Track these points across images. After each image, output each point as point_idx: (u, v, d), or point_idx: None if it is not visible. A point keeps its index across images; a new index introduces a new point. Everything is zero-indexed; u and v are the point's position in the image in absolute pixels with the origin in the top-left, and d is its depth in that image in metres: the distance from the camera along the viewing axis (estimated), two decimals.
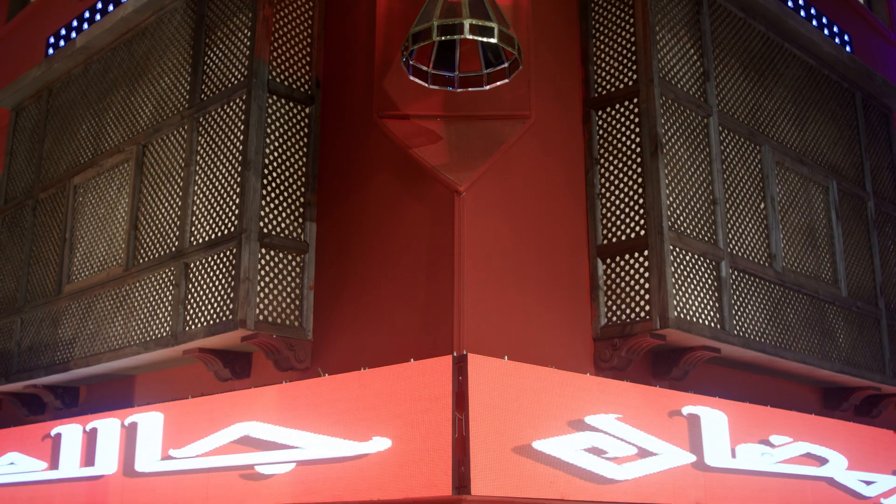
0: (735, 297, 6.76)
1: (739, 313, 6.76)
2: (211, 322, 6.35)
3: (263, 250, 6.33)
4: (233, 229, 6.38)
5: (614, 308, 6.38)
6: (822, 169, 8.12)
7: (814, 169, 7.99)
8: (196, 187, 6.79)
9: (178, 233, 6.85)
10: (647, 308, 6.19)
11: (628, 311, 6.31)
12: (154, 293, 6.91)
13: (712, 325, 6.48)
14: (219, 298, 6.34)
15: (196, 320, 6.49)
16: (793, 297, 7.35)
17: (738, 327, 6.70)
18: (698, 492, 6.38)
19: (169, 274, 6.81)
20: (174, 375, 7.38)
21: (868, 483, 7.90)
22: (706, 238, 6.64)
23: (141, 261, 7.13)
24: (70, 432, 7.66)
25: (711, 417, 6.61)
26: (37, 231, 8.43)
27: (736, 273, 6.84)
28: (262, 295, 6.26)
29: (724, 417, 6.69)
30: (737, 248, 6.94)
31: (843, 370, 7.69)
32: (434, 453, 5.23)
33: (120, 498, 7.04)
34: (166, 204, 7.04)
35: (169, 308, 6.73)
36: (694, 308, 6.36)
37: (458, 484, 5.11)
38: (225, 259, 6.38)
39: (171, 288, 6.76)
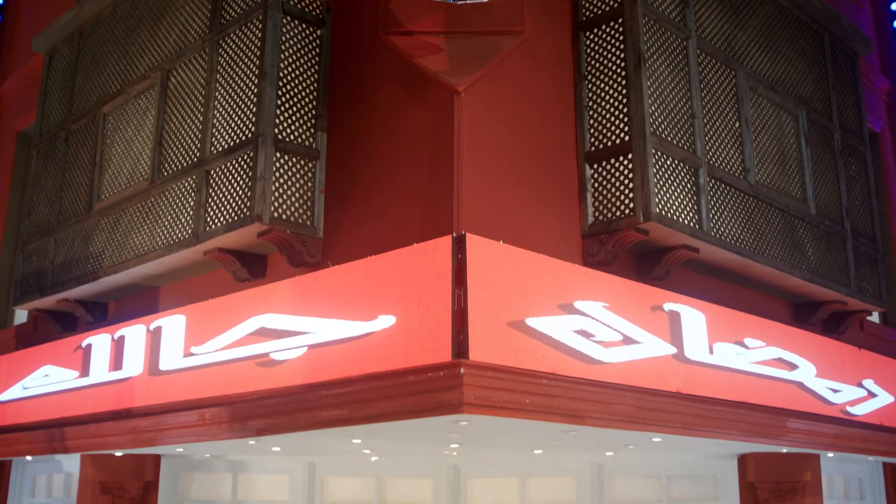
0: (712, 202, 6.75)
1: (716, 217, 6.75)
2: (230, 220, 6.34)
3: (278, 154, 6.32)
4: (249, 136, 6.37)
5: (601, 207, 6.37)
6: (793, 99, 8.10)
7: (785, 98, 7.97)
8: (216, 102, 6.79)
9: (199, 144, 6.85)
10: (632, 205, 6.18)
11: (614, 209, 6.30)
12: (177, 201, 6.90)
13: (691, 224, 6.47)
14: (237, 199, 6.34)
15: (216, 220, 6.48)
16: (765, 209, 7.34)
17: (715, 229, 6.69)
18: (678, 381, 6.36)
19: (190, 182, 6.80)
20: (196, 284, 7.37)
21: (835, 391, 7.88)
22: (685, 147, 6.63)
23: (165, 173, 7.12)
24: (99, 342, 7.65)
25: (691, 315, 6.59)
26: (69, 159, 8.42)
27: (713, 181, 6.83)
28: (276, 195, 6.26)
29: (703, 317, 6.67)
30: (713, 159, 6.93)
31: (813, 280, 7.68)
32: (435, 326, 5.21)
33: (145, 395, 7.02)
34: (188, 120, 7.03)
35: (191, 212, 6.73)
36: (674, 208, 6.35)
37: (457, 351, 5.08)
38: (242, 163, 6.37)
39: (192, 194, 6.75)
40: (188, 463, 8.04)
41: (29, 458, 8.39)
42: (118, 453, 7.35)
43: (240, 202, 6.29)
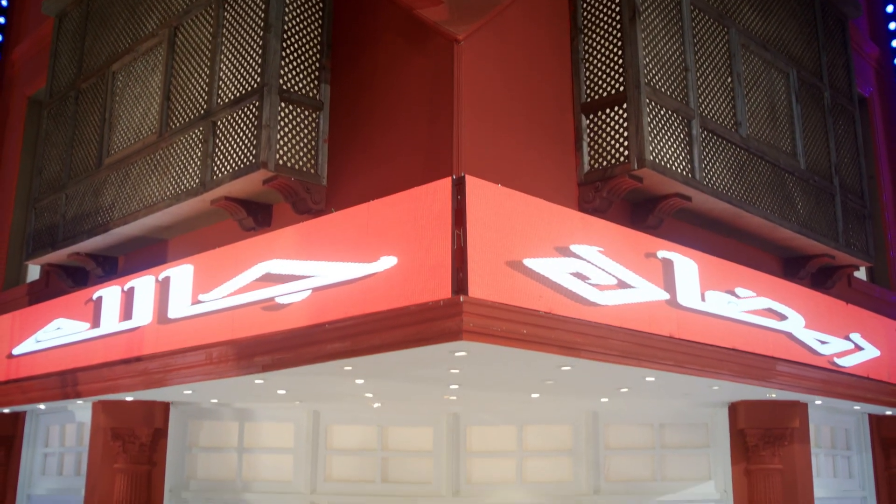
0: (705, 153, 6.77)
1: (709, 167, 6.78)
2: (236, 168, 6.37)
3: (283, 104, 6.34)
4: (255, 86, 6.39)
5: (596, 156, 6.40)
6: (784, 57, 8.11)
7: (776, 56, 7.98)
8: (222, 55, 6.80)
9: (205, 97, 6.86)
10: (626, 153, 6.21)
11: (609, 157, 6.33)
12: (184, 152, 6.93)
13: (684, 173, 6.49)
14: (243, 147, 6.36)
15: (223, 169, 6.51)
16: (756, 162, 7.36)
17: (707, 179, 6.72)
18: (671, 325, 6.40)
19: (198, 133, 6.82)
20: (203, 235, 7.39)
21: (823, 343, 7.92)
22: (679, 98, 6.65)
23: (173, 126, 7.14)
24: (110, 294, 7.67)
25: (683, 263, 6.62)
26: (79, 117, 8.44)
27: (705, 132, 6.85)
28: (281, 143, 6.28)
29: (695, 265, 6.70)
30: (706, 111, 6.95)
31: (802, 232, 7.72)
32: (435, 265, 5.23)
33: (154, 343, 7.04)
34: (195, 74, 7.05)
35: (198, 162, 6.75)
36: (668, 156, 6.38)
37: (456, 288, 5.10)
38: (248, 112, 6.39)
39: (199, 145, 6.78)
40: (196, 411, 8.10)
41: (42, 406, 8.44)
42: (129, 397, 7.40)
43: (246, 151, 6.32)
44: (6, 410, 8.99)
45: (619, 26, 6.44)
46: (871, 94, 11.04)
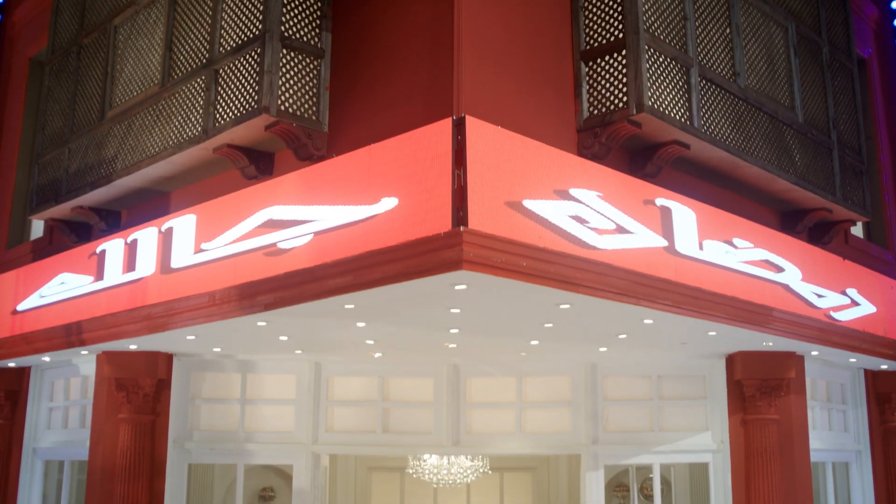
0: (703, 101, 6.80)
1: (707, 116, 6.80)
2: (238, 114, 6.39)
3: (284, 51, 6.36)
4: (257, 33, 6.40)
5: (595, 103, 6.42)
6: (783, 11, 8.11)
7: (775, 9, 7.98)
8: (224, 4, 6.79)
9: (207, 46, 6.87)
10: (625, 99, 6.23)
11: (608, 103, 6.35)
12: (187, 101, 6.95)
13: (683, 120, 6.52)
14: (245, 94, 6.39)
15: (225, 116, 6.53)
16: (754, 113, 7.38)
17: (705, 127, 6.74)
18: (669, 272, 6.43)
19: (200, 82, 6.84)
20: (206, 187, 7.42)
21: (820, 296, 7.96)
22: (677, 46, 6.66)
23: (175, 76, 7.15)
24: (113, 247, 7.70)
25: (681, 212, 6.65)
26: (81, 72, 8.44)
27: (704, 81, 6.87)
28: (282, 89, 6.31)
29: (693, 214, 6.73)
30: (705, 60, 6.96)
31: (799, 184, 7.75)
32: (436, 204, 5.25)
33: (157, 293, 7.08)
34: (197, 24, 7.05)
35: (200, 111, 6.77)
36: (666, 103, 6.40)
37: (456, 222, 5.11)
38: (250, 59, 6.41)
39: (201, 93, 6.80)
40: (199, 363, 8.15)
41: (46, 358, 8.49)
42: (132, 346, 7.45)
43: (248, 97, 6.34)
44: (11, 364, 9.05)
45: None
46: (869, 55, 11.03)
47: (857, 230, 10.10)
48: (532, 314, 5.93)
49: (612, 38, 6.40)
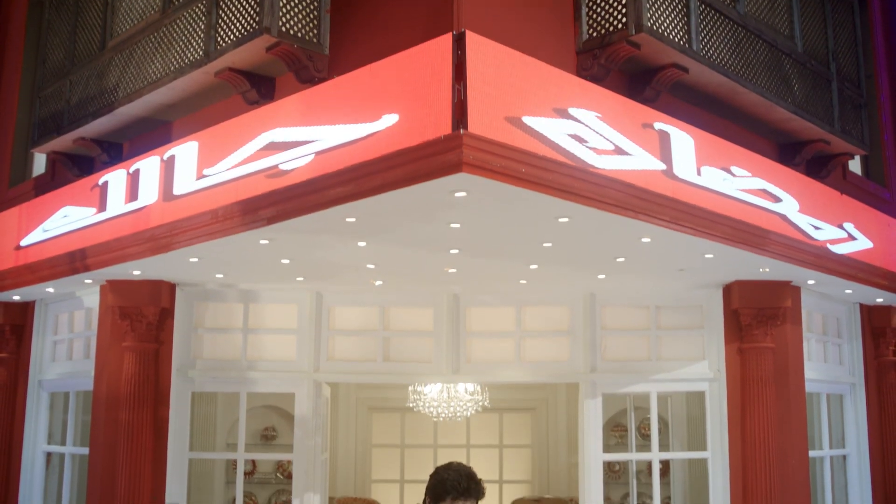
0: (702, 25, 6.82)
1: (706, 40, 6.83)
2: (239, 36, 6.42)
3: None
4: None
5: (595, 25, 6.45)
6: None
7: None
8: None
9: None
10: (624, 20, 6.25)
11: (607, 24, 6.37)
12: (188, 26, 6.98)
13: (682, 42, 6.54)
14: (246, 17, 6.43)
15: (226, 38, 6.56)
16: (753, 40, 7.40)
17: (704, 51, 6.76)
18: (667, 193, 6.48)
19: (201, 6, 6.86)
20: (208, 115, 7.45)
21: (817, 228, 8.01)
22: None
23: (176, 2, 7.16)
24: (115, 177, 7.73)
25: (680, 137, 6.68)
26: (81, 3, 8.44)
27: (703, 5, 6.89)
28: (283, 10, 6.33)
29: (691, 140, 6.77)
30: None
31: (798, 113, 7.78)
32: (436, 119, 5.26)
33: (160, 219, 7.13)
34: None
35: (201, 35, 6.80)
36: (665, 24, 6.43)
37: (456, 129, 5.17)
38: None
39: (202, 18, 6.82)
40: (201, 292, 8.24)
41: (51, 289, 8.57)
42: (136, 271, 7.51)
43: (249, 19, 6.36)
44: (16, 297, 9.14)
45: None
46: None
47: (856, 167, 10.15)
48: (531, 230, 5.99)
49: None
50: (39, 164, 10.13)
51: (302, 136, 6.12)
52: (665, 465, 10.02)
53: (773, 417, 7.83)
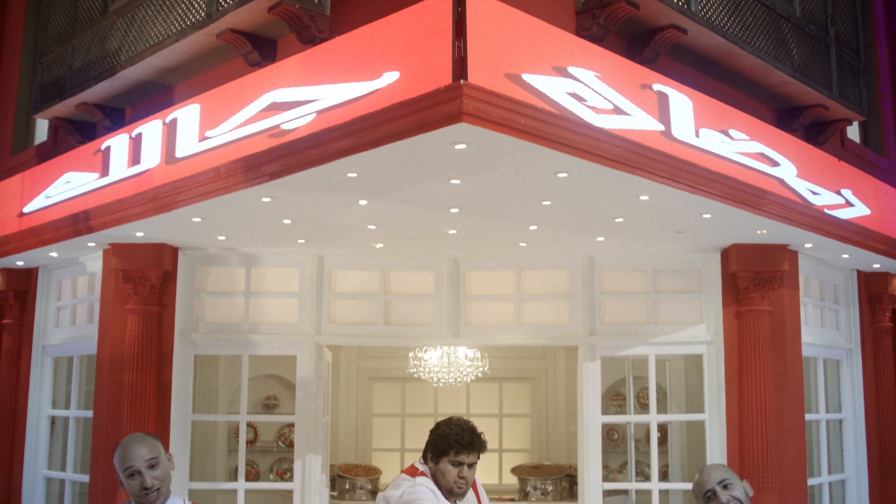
0: None
1: (705, 1, 6.86)
2: None
3: None
4: None
5: None
6: None
7: None
8: None
9: None
10: None
11: None
12: None
13: (680, 3, 6.59)
14: None
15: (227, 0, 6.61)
16: (752, 3, 7.46)
17: (703, 12, 6.81)
18: (665, 146, 6.53)
19: None
20: (209, 78, 7.51)
21: (815, 193, 8.07)
22: None
23: None
24: (118, 142, 7.79)
25: (678, 98, 6.73)
26: None
27: None
28: None
29: (690, 102, 6.82)
30: None
31: (796, 76, 7.83)
32: (436, 75, 5.32)
33: (163, 181, 7.20)
34: None
35: None
36: None
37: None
38: None
39: None
40: (204, 256, 8.31)
41: (54, 253, 8.63)
42: (139, 234, 7.58)
43: None
44: (20, 263, 9.21)
45: None
46: None
47: (854, 135, 10.20)
48: (530, 187, 6.05)
49: None
50: (41, 132, 10.19)
51: (304, 96, 6.18)
52: (663, 434, 10.15)
53: (769, 379, 7.92)
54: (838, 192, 8.34)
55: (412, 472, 4.90)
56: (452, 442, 4.74)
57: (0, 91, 10.73)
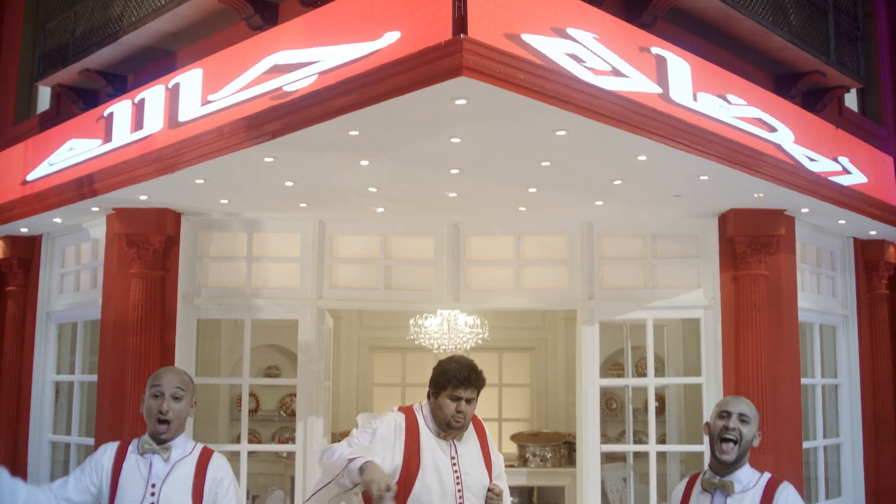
0: None
1: None
2: None
3: None
4: None
5: None
6: None
7: None
8: None
9: None
10: None
11: None
12: None
13: None
14: None
15: None
16: None
17: None
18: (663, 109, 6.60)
19: None
20: (212, 43, 7.56)
21: (812, 160, 8.14)
22: None
23: None
24: (121, 108, 7.84)
25: (676, 62, 6.80)
26: None
27: None
28: None
29: (688, 66, 6.90)
30: None
31: (794, 42, 7.89)
32: (437, 34, 5.38)
33: (165, 143, 7.26)
34: None
35: None
36: None
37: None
38: None
39: None
40: (206, 222, 8.40)
41: (58, 219, 8.72)
42: (143, 197, 7.66)
43: None
44: (24, 230, 9.29)
45: None
46: None
47: (852, 104, 10.26)
48: (529, 146, 6.13)
49: None
50: (44, 101, 10.25)
51: (305, 58, 6.25)
52: (661, 404, 10.28)
53: (766, 343, 8.02)
54: (835, 160, 8.41)
55: (404, 407, 5.03)
56: (451, 377, 4.84)
57: (2, 60, 10.79)
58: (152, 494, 4.31)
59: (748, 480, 4.49)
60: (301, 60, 6.25)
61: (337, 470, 4.52)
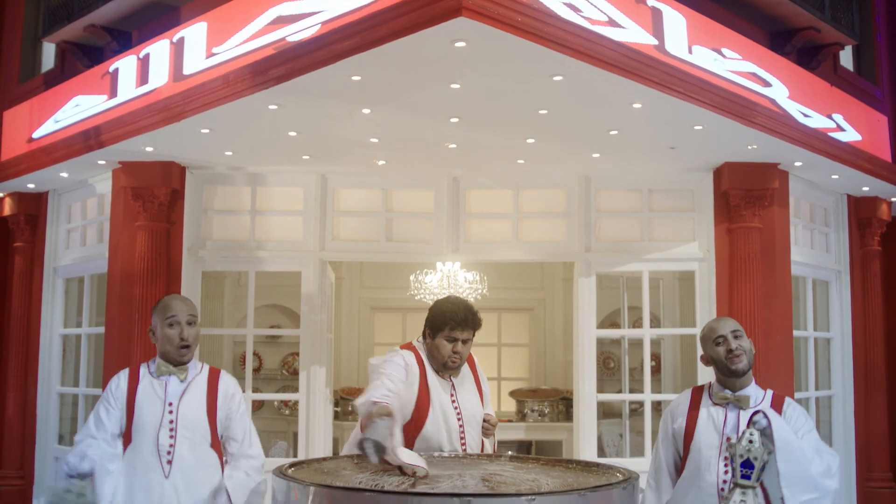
0: None
1: None
2: None
3: None
4: None
5: None
6: None
7: None
8: None
9: None
10: None
11: None
12: None
13: None
14: None
15: None
16: None
17: None
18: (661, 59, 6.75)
19: None
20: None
21: (806, 116, 8.27)
22: None
23: None
24: (126, 64, 7.99)
25: (672, 15, 6.94)
26: None
27: None
28: None
29: (683, 19, 7.03)
30: None
31: None
32: None
33: (170, 93, 7.38)
34: None
35: None
36: None
37: None
38: None
39: None
40: (210, 176, 8.56)
41: (65, 174, 8.87)
42: (149, 148, 7.81)
43: None
44: (30, 186, 9.44)
45: None
46: None
47: (848, 63, 10.38)
48: (527, 93, 6.27)
49: None
50: (49, 59, 10.37)
51: (308, 8, 6.39)
52: (657, 363, 10.48)
53: (759, 294, 8.20)
54: (829, 117, 8.55)
55: (406, 345, 5.17)
56: (448, 318, 4.95)
57: (7, 19, 10.90)
58: (170, 412, 4.57)
59: (758, 395, 4.73)
60: (304, 11, 6.39)
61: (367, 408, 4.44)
